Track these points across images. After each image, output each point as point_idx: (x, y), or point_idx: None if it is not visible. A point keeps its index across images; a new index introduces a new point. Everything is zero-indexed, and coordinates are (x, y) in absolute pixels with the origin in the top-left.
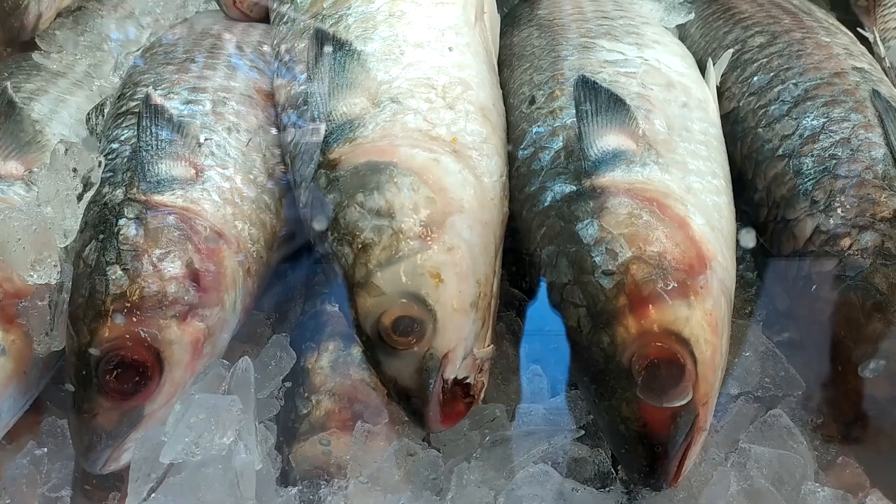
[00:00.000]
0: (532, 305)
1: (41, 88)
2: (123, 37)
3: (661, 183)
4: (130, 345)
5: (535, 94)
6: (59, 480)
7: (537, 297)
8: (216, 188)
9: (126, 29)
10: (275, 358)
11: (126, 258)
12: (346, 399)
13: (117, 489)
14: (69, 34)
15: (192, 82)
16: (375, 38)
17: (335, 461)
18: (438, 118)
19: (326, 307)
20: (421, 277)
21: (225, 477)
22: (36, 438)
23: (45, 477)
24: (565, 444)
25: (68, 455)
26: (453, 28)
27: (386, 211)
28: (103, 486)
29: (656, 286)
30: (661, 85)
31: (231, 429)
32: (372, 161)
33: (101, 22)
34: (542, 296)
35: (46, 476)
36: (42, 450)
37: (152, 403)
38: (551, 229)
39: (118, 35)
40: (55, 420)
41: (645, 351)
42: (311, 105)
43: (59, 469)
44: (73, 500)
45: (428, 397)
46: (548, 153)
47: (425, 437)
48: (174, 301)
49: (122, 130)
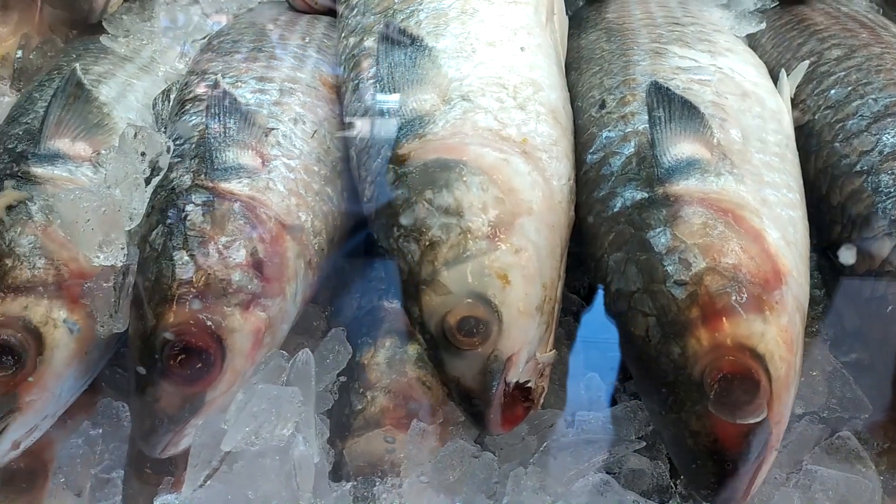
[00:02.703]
0: (593, 311)
1: (109, 72)
2: (188, 24)
3: (735, 194)
4: (195, 331)
5: (606, 98)
6: (111, 462)
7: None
8: (282, 178)
9: (190, 16)
10: (333, 352)
11: (193, 244)
12: (401, 397)
13: (171, 473)
14: (135, 19)
15: (259, 72)
16: (447, 34)
17: (389, 459)
18: (509, 118)
19: (384, 303)
20: (488, 278)
21: (281, 468)
22: (91, 419)
23: (99, 458)
24: (625, 455)
25: (121, 437)
26: (525, 28)
27: (454, 209)
28: (158, 470)
29: (731, 299)
30: (736, 94)
31: (291, 421)
32: (442, 158)
33: (167, 8)
34: (606, 302)
35: (99, 457)
36: (97, 430)
37: (213, 390)
38: (620, 236)
39: (183, 22)
40: (110, 401)
41: (718, 364)
42: (379, 100)
43: (112, 450)
44: (126, 482)
45: (490, 399)
46: (618, 158)
47: (477, 439)
48: (238, 289)
49: (191, 117)
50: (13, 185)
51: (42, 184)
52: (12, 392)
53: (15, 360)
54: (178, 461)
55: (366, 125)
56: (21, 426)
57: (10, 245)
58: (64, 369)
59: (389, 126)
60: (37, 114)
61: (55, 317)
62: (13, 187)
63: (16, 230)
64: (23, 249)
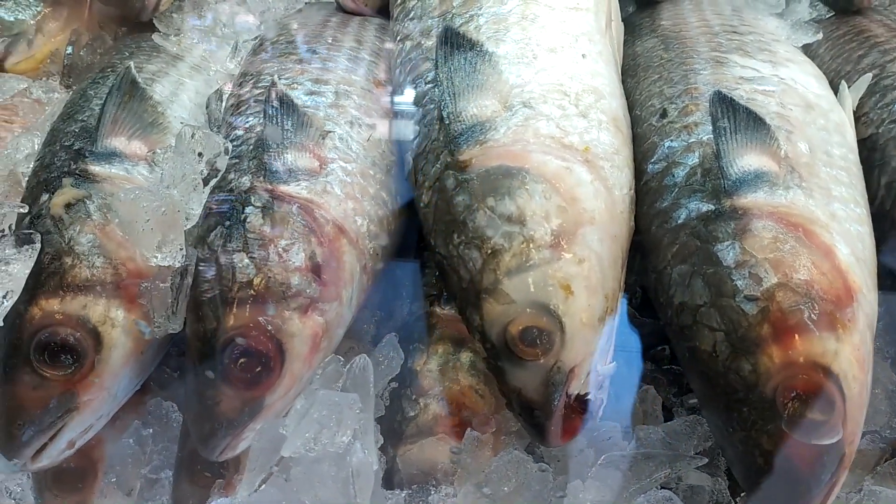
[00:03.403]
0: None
1: (161, 70)
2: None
3: (805, 208)
4: (256, 334)
5: (667, 107)
6: (160, 462)
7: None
8: (339, 182)
9: (238, 16)
10: (387, 358)
11: (253, 247)
12: (454, 404)
13: (222, 476)
14: (185, 17)
15: (314, 74)
16: (507, 40)
17: (443, 467)
18: (571, 126)
19: (436, 309)
20: (552, 288)
21: (338, 475)
22: (141, 419)
23: (148, 458)
24: (686, 471)
25: (170, 437)
26: (586, 35)
27: (517, 217)
28: (209, 472)
29: (804, 316)
30: (800, 106)
31: (350, 427)
32: (504, 165)
33: (215, 7)
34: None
35: (149, 457)
36: (148, 430)
37: (272, 395)
38: (685, 248)
39: (231, 21)
40: (160, 401)
41: (793, 383)
42: (438, 104)
43: (160, 451)
44: (176, 484)
45: (552, 411)
46: (682, 169)
47: (528, 449)
48: (297, 293)
49: (247, 118)
50: (72, 182)
51: (100, 182)
52: (70, 391)
53: (74, 359)
54: (228, 464)
55: (423, 129)
56: (78, 425)
57: (69, 243)
58: (120, 369)
59: (449, 131)
60: (92, 111)
61: (113, 316)
62: (72, 185)
63: (75, 228)
64: (82, 248)
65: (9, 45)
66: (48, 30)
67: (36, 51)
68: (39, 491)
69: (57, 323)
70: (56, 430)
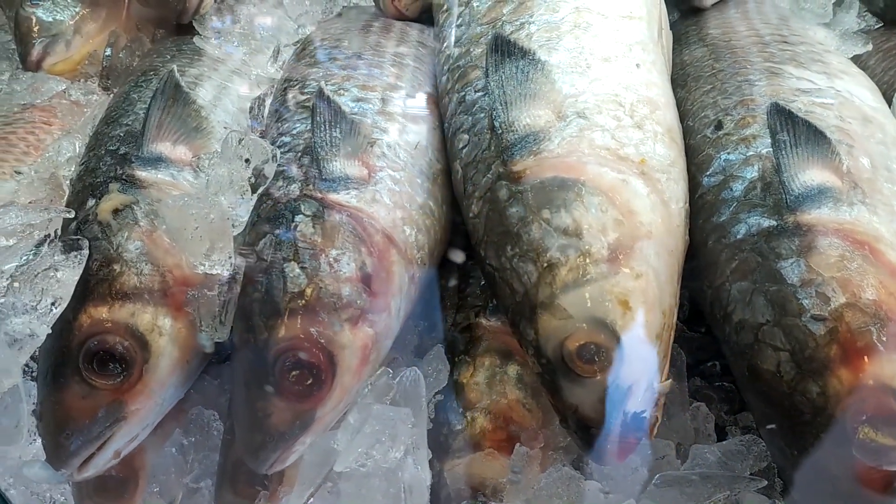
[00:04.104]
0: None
1: (204, 74)
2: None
3: (870, 225)
4: (308, 345)
5: (722, 118)
6: (200, 471)
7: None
8: (388, 190)
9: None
10: (435, 370)
11: (304, 256)
12: (501, 418)
13: (266, 488)
14: (224, 20)
15: (360, 80)
16: (560, 48)
17: (491, 483)
18: (626, 137)
19: (481, 320)
20: (609, 304)
21: (388, 490)
22: (182, 427)
23: (190, 466)
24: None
25: (210, 446)
26: (640, 44)
27: (573, 230)
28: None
29: (873, 338)
30: (858, 119)
31: (404, 442)
32: (559, 177)
33: (253, 10)
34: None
35: (190, 466)
36: (189, 439)
37: (323, 407)
38: (745, 264)
39: (269, 24)
40: (202, 410)
41: (864, 407)
42: (489, 113)
43: (201, 459)
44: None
45: (610, 430)
46: (740, 183)
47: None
48: (348, 304)
49: (294, 124)
50: (118, 188)
51: (146, 188)
52: (119, 400)
53: (123, 368)
54: (272, 475)
55: (472, 138)
56: (125, 435)
57: (117, 250)
58: (167, 378)
59: (501, 141)
60: (137, 115)
61: (160, 324)
62: (119, 190)
63: (123, 234)
64: (130, 255)
65: (47, 45)
66: (86, 31)
67: (74, 52)
68: (80, 499)
69: (106, 331)
70: (104, 440)
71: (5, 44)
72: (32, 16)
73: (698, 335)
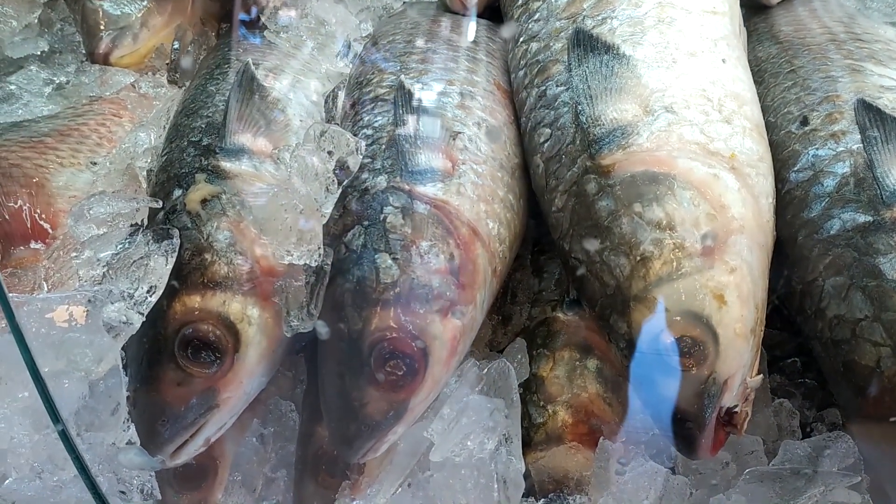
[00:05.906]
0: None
1: (277, 67)
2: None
3: None
4: (402, 336)
5: (808, 114)
6: (277, 461)
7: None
8: (471, 183)
9: (338, 13)
10: (517, 362)
11: (395, 247)
12: (582, 412)
13: (347, 478)
14: (290, 14)
15: (438, 74)
16: (645, 43)
17: (574, 475)
18: (716, 132)
19: (559, 315)
20: (705, 298)
21: (479, 481)
22: (259, 418)
23: (268, 456)
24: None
25: (286, 437)
26: (725, 39)
27: (666, 224)
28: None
29: None
30: None
31: (499, 433)
32: (650, 171)
33: (317, 5)
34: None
35: (269, 455)
36: (268, 429)
37: (416, 397)
38: (840, 259)
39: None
40: (279, 400)
41: None
42: (573, 107)
43: (278, 450)
44: (299, 484)
45: (705, 423)
46: (832, 178)
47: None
48: (438, 295)
49: (375, 117)
50: (205, 178)
51: (231, 178)
52: (212, 388)
53: (216, 356)
54: (353, 466)
55: (556, 132)
56: (217, 423)
57: (207, 239)
58: (256, 367)
59: (587, 135)
60: (216, 107)
61: (249, 314)
62: (206, 181)
63: (212, 224)
64: (220, 244)
65: (115, 38)
66: (153, 24)
67: (140, 45)
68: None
69: (200, 319)
70: (197, 427)
71: (69, 36)
72: (100, 8)
73: (778, 332)
